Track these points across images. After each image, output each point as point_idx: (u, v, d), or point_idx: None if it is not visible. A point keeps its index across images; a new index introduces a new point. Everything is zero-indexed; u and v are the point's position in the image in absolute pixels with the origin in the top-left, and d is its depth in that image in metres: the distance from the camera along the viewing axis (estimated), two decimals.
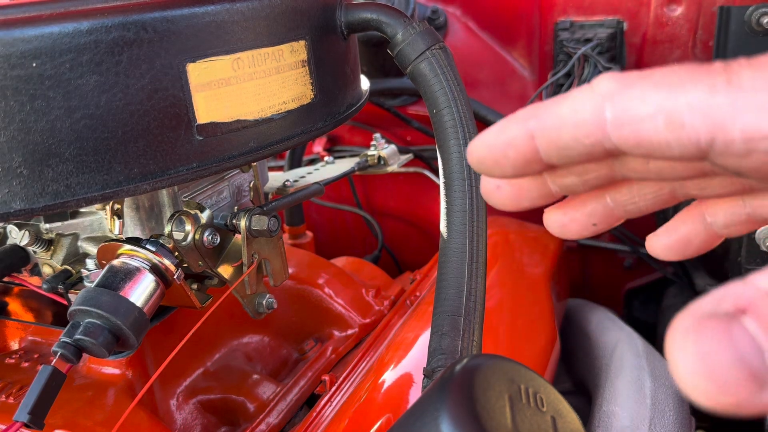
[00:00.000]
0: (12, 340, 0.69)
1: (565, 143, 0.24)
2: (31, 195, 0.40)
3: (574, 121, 0.24)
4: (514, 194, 0.29)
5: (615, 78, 0.23)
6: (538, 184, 0.29)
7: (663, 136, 0.22)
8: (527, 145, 0.25)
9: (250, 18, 0.45)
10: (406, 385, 0.64)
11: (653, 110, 0.22)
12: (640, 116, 0.22)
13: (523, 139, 0.25)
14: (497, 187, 0.30)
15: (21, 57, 0.38)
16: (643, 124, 0.22)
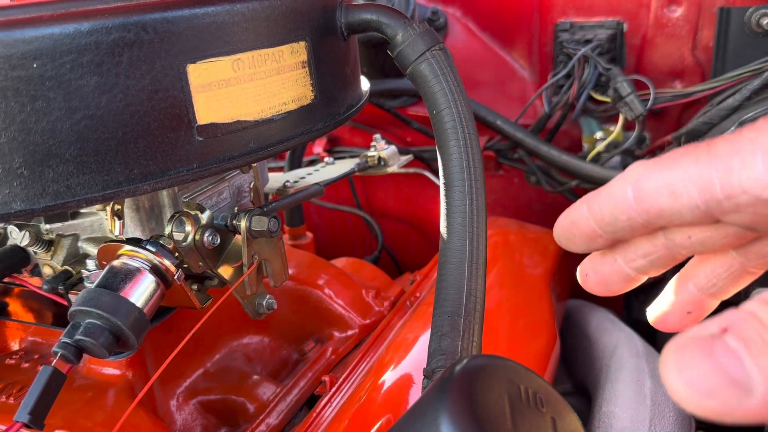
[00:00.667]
0: (12, 341, 0.69)
1: (609, 220, 0.31)
2: (32, 196, 0.40)
3: (612, 202, 0.30)
4: (600, 281, 0.36)
5: (641, 164, 0.29)
6: (617, 270, 0.35)
7: (670, 205, 0.27)
8: (586, 224, 0.32)
9: (250, 19, 0.45)
10: (406, 385, 0.64)
11: (658, 186, 0.27)
12: (650, 193, 0.28)
13: (582, 219, 0.32)
14: (585, 276, 0.36)
15: (22, 58, 0.38)
16: (654, 198, 0.28)
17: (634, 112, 1.01)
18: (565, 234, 0.34)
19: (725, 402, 0.22)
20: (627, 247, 0.34)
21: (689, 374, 0.22)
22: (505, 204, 1.29)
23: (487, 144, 1.20)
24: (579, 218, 0.32)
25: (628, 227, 0.31)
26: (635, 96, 1.01)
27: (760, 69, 0.92)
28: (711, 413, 0.22)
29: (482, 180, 0.52)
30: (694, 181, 0.26)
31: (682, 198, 0.27)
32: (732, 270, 0.34)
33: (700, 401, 0.22)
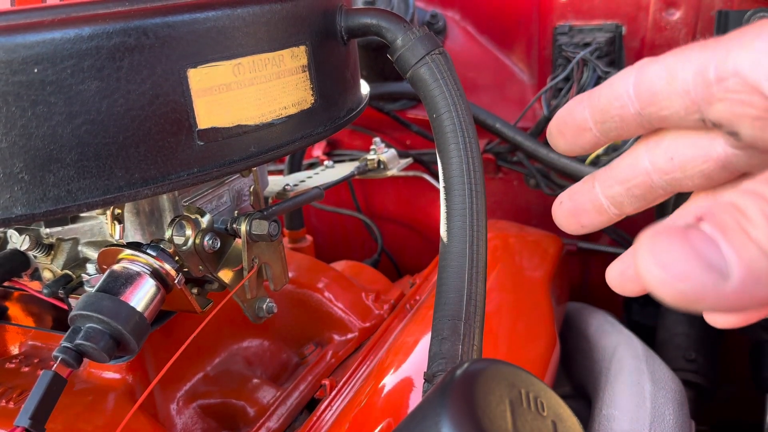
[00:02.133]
0: (12, 345, 0.69)
1: (602, 107, 0.30)
2: (33, 200, 0.40)
3: (611, 88, 0.30)
4: (572, 210, 0.34)
5: (653, 58, 0.28)
6: (592, 198, 0.34)
7: (664, 88, 0.27)
8: (580, 113, 0.31)
9: (250, 24, 0.45)
10: (407, 389, 0.64)
11: (659, 69, 0.27)
12: (649, 76, 0.28)
13: (578, 108, 0.31)
14: (560, 203, 0.35)
15: (23, 63, 0.38)
16: (651, 81, 0.28)
17: None
18: (557, 123, 0.33)
19: (700, 285, 0.21)
20: (607, 171, 0.33)
21: (664, 258, 0.22)
22: (504, 207, 1.30)
23: (487, 147, 1.21)
24: (575, 107, 0.32)
25: (619, 118, 0.30)
26: None
27: None
28: (684, 297, 0.21)
29: (482, 184, 0.52)
30: (693, 63, 0.26)
31: (676, 81, 0.26)
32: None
33: (674, 284, 0.22)
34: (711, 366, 1.05)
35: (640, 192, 0.32)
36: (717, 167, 0.29)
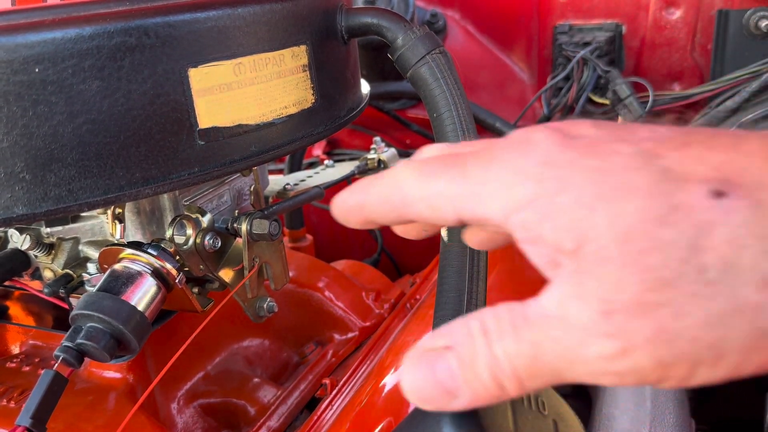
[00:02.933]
0: (13, 345, 0.69)
1: (378, 216, 0.33)
2: (34, 200, 0.40)
3: (380, 202, 0.32)
4: (402, 231, 0.37)
5: (407, 168, 0.31)
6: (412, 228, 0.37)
7: (430, 214, 0.30)
8: (359, 213, 0.34)
9: (251, 23, 0.45)
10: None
11: (420, 197, 0.30)
12: (413, 201, 0.31)
13: (356, 209, 0.34)
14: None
15: (24, 62, 0.38)
16: (416, 206, 0.31)
17: (633, 114, 1.01)
18: (344, 217, 0.35)
19: (438, 403, 0.29)
20: None
21: (417, 383, 0.29)
22: None
23: None
24: (354, 207, 0.34)
25: (396, 220, 0.33)
26: (634, 98, 1.01)
27: (758, 71, 0.92)
28: (427, 407, 0.30)
29: None
30: (449, 200, 0.29)
31: (439, 211, 0.30)
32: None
33: (421, 403, 0.30)
34: None
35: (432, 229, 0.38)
36: (487, 238, 0.36)
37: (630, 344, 0.25)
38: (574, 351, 0.26)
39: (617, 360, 0.25)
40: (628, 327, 0.24)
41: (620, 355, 0.25)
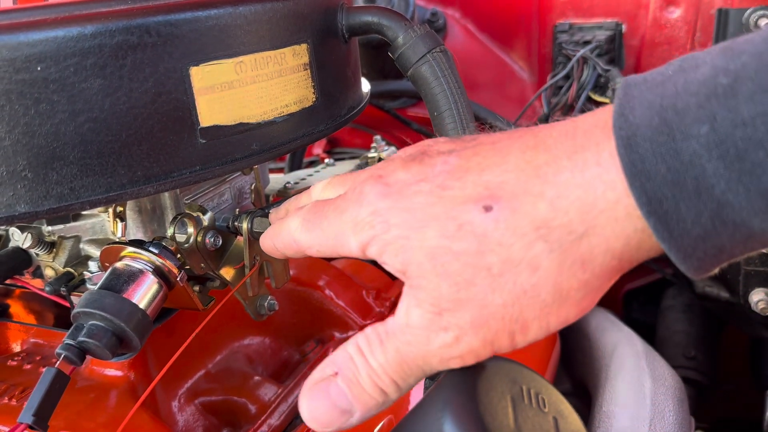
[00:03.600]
0: (14, 343, 0.69)
1: (291, 256, 0.43)
2: (36, 198, 0.40)
3: (286, 248, 0.43)
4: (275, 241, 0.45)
5: (296, 220, 0.40)
6: None
7: (321, 253, 0.39)
8: (279, 254, 0.44)
9: (252, 22, 0.45)
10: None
11: (309, 244, 0.40)
12: (307, 247, 0.40)
13: (275, 251, 0.45)
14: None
15: (26, 61, 0.38)
16: (310, 250, 0.40)
17: None
18: (263, 244, 0.47)
19: (337, 423, 0.35)
20: None
21: (315, 411, 0.36)
22: None
23: None
24: (266, 245, 0.45)
25: (304, 256, 0.43)
26: None
27: None
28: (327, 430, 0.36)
29: None
30: (326, 245, 0.38)
31: (326, 252, 0.39)
32: None
33: (323, 427, 0.36)
34: (710, 363, 1.05)
35: None
36: None
37: (460, 332, 0.33)
38: (424, 347, 0.34)
39: (455, 346, 0.33)
40: (455, 320, 0.32)
41: (456, 342, 0.33)
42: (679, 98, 0.28)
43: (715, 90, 0.28)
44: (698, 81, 0.28)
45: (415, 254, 0.33)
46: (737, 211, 0.27)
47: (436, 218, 0.33)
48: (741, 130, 0.27)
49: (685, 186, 0.28)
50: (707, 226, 0.28)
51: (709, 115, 0.27)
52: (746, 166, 0.26)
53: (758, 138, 0.26)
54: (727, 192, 0.27)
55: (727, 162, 0.27)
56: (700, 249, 0.29)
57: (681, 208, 0.28)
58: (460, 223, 0.32)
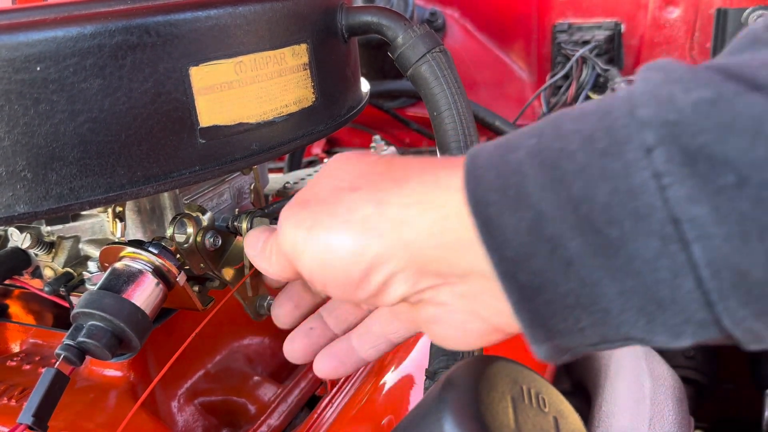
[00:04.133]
0: (13, 343, 0.69)
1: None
2: (35, 198, 0.40)
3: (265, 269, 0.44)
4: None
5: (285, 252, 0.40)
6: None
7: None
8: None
9: (252, 22, 0.45)
10: (408, 386, 0.64)
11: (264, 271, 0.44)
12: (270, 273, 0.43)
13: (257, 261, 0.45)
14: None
15: (25, 61, 0.38)
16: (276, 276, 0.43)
17: None
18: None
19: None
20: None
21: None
22: None
23: None
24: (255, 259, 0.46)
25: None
26: None
27: None
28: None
29: None
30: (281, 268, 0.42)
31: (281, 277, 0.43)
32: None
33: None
34: (710, 363, 1.05)
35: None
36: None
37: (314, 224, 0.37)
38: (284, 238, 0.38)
39: (307, 232, 0.36)
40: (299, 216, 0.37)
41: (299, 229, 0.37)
42: (520, 131, 0.31)
43: (548, 117, 0.31)
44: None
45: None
46: (551, 222, 0.28)
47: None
48: (558, 142, 0.29)
49: (508, 192, 0.29)
50: (524, 239, 0.29)
51: (538, 132, 0.30)
52: (558, 174, 0.28)
53: (571, 150, 0.28)
54: (542, 200, 0.29)
55: (544, 169, 0.29)
56: (521, 271, 0.30)
57: (504, 214, 0.29)
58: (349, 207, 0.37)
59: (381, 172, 0.36)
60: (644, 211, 0.27)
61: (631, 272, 0.28)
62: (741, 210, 0.25)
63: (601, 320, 0.29)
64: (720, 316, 0.27)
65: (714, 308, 0.27)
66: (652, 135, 0.26)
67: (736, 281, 0.26)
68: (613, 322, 0.29)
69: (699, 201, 0.26)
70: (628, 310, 0.28)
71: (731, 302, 0.26)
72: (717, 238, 0.26)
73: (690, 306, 0.27)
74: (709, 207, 0.25)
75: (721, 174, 0.25)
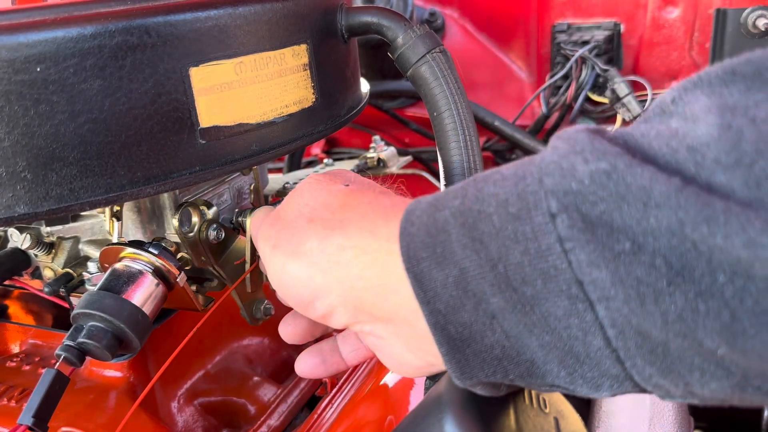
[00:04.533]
0: (13, 344, 0.69)
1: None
2: (35, 199, 0.40)
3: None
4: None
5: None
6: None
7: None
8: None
9: (252, 22, 0.45)
10: (407, 386, 0.64)
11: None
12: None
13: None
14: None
15: (25, 62, 0.38)
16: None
17: (631, 112, 1.01)
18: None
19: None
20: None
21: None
22: None
23: (485, 145, 1.21)
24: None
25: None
26: (633, 97, 1.01)
27: None
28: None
29: None
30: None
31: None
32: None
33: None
34: None
35: None
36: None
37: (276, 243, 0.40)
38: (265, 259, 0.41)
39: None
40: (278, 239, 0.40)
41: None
42: (450, 189, 0.34)
43: (475, 177, 0.33)
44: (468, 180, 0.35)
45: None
46: (473, 279, 0.31)
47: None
48: (478, 204, 0.31)
49: (437, 249, 0.32)
50: (452, 293, 0.31)
51: (462, 193, 0.32)
52: (477, 234, 0.30)
53: (488, 212, 0.30)
54: (464, 258, 0.31)
55: (466, 229, 0.31)
56: (450, 323, 0.32)
57: (433, 269, 0.32)
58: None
59: (335, 208, 0.39)
60: (552, 273, 0.29)
61: (547, 328, 0.29)
62: (636, 275, 0.26)
63: (528, 371, 0.31)
64: (630, 372, 0.29)
65: (624, 365, 0.29)
66: (555, 202, 0.28)
67: (639, 342, 0.28)
68: (539, 372, 0.31)
69: (598, 265, 0.27)
70: (550, 362, 0.30)
71: (637, 360, 0.28)
72: (617, 300, 0.27)
73: (604, 362, 0.29)
74: (608, 271, 0.27)
75: (618, 241, 0.27)
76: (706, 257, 0.25)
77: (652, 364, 0.28)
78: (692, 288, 0.26)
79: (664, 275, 0.26)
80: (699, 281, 0.25)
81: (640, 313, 0.27)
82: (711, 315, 0.26)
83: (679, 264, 0.26)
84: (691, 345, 0.27)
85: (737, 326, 0.25)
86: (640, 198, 0.26)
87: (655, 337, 0.27)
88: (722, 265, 0.25)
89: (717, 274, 0.25)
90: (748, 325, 0.25)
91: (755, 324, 0.25)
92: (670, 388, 0.29)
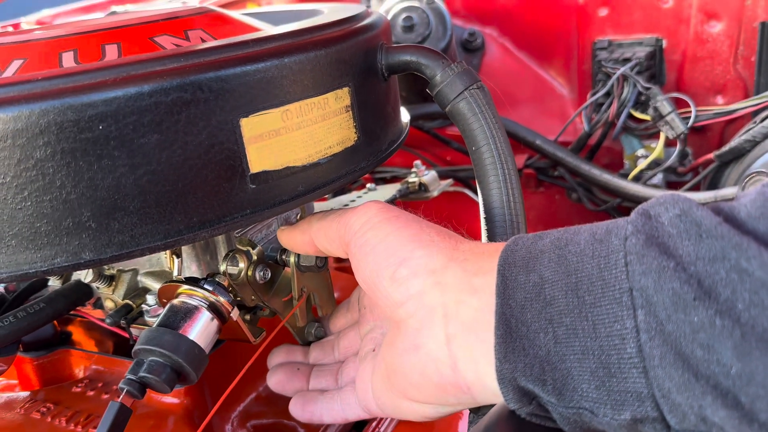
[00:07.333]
0: (77, 369, 0.73)
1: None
2: (99, 246, 0.43)
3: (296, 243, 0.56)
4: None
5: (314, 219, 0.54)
6: None
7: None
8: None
9: (297, 72, 0.47)
10: (455, 416, 0.65)
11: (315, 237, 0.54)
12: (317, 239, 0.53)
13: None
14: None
15: (89, 121, 0.41)
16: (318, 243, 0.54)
17: (675, 130, 1.00)
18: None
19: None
20: None
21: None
22: (545, 221, 1.30)
23: (527, 162, 1.21)
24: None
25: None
26: (676, 115, 1.00)
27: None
28: None
29: (523, 215, 0.54)
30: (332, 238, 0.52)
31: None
32: None
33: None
34: None
35: None
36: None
37: None
38: None
39: None
40: None
41: None
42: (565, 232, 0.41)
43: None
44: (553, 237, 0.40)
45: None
46: (549, 283, 0.37)
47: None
48: (572, 235, 0.39)
49: (528, 264, 0.39)
50: (527, 294, 0.38)
51: (564, 230, 0.41)
52: (563, 253, 0.38)
53: (577, 240, 0.38)
54: (547, 269, 0.38)
55: (557, 250, 0.38)
56: (514, 316, 0.38)
57: (519, 274, 0.39)
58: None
59: None
60: (612, 282, 0.34)
61: (593, 334, 0.34)
62: (672, 286, 0.32)
63: (562, 381, 0.35)
64: (652, 386, 0.32)
65: (647, 375, 0.32)
66: (631, 227, 0.35)
67: (664, 351, 0.32)
68: (570, 385, 0.35)
69: (647, 274, 0.33)
70: (584, 373, 0.34)
71: (659, 372, 0.32)
72: (656, 306, 0.32)
73: (631, 373, 0.33)
74: (652, 280, 0.32)
75: (667, 258, 0.33)
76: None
77: (671, 379, 0.31)
78: (714, 306, 0.31)
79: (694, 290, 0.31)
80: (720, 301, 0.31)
81: (674, 319, 0.31)
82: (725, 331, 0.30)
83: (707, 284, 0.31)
84: (710, 357, 0.30)
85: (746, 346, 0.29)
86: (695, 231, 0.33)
87: (679, 346, 0.31)
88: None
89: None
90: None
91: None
92: (685, 409, 0.31)
